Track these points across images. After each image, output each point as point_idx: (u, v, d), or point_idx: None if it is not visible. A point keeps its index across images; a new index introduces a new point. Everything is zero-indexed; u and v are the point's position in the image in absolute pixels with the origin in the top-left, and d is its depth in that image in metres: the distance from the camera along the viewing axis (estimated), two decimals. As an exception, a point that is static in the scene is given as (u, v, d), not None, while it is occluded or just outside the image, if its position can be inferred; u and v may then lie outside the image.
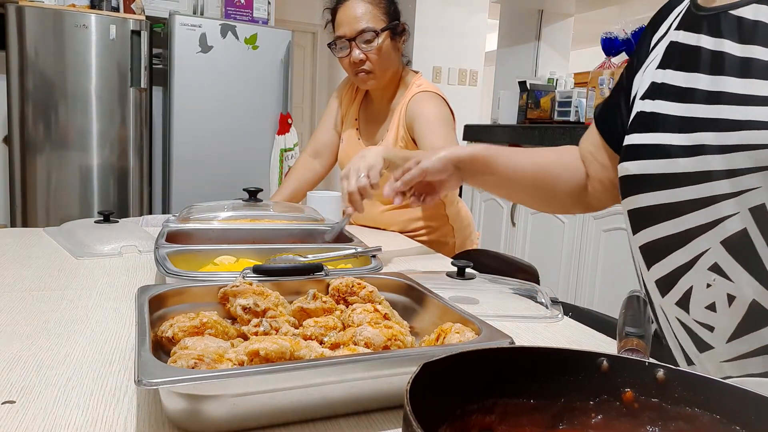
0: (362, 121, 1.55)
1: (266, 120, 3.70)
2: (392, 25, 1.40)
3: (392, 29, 1.40)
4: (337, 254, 0.91)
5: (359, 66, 1.39)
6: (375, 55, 1.38)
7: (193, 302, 0.64)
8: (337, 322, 0.61)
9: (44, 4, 3.19)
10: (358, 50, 1.37)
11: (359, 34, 1.36)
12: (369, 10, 1.37)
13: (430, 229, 1.51)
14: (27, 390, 0.51)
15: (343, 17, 1.38)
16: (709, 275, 0.59)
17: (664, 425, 0.40)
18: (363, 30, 1.35)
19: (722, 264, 0.58)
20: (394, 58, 1.42)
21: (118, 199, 3.45)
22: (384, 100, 1.50)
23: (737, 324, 0.58)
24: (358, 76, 1.41)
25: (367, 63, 1.38)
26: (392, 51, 1.41)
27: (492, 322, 0.59)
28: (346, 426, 0.49)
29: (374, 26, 1.36)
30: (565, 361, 0.42)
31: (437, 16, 4.63)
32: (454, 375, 0.39)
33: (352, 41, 1.37)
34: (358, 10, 1.37)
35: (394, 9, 1.43)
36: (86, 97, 3.29)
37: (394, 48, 1.41)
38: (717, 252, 0.59)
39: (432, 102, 1.40)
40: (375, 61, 1.38)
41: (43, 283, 0.85)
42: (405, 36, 1.45)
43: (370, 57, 1.38)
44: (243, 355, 0.49)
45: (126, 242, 1.07)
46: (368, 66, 1.39)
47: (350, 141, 1.54)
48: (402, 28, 1.43)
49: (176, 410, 0.45)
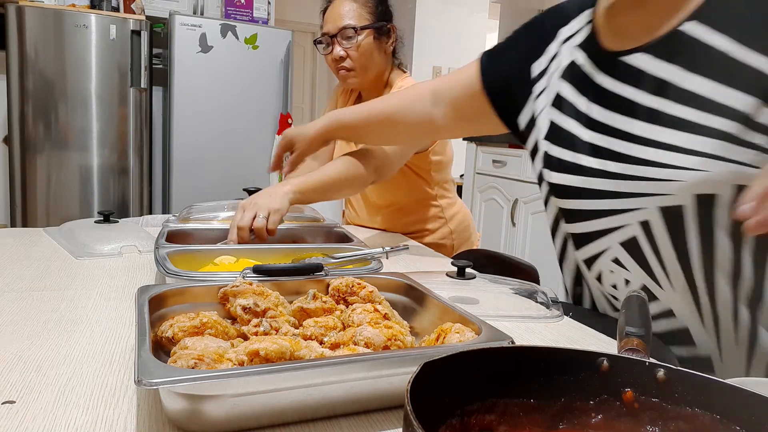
0: None
1: (266, 120, 3.71)
2: (376, 24, 1.39)
3: (376, 29, 1.39)
4: (364, 254, 0.90)
5: (339, 63, 1.40)
6: (354, 51, 1.38)
7: (193, 302, 0.64)
8: (337, 322, 0.61)
9: (44, 4, 3.19)
10: (338, 47, 1.38)
11: (340, 30, 1.37)
12: (354, 9, 1.38)
13: (428, 231, 1.50)
14: (27, 390, 0.51)
15: (328, 15, 1.40)
16: (612, 265, 0.78)
17: (664, 425, 0.40)
18: (344, 27, 1.36)
19: (621, 258, 0.76)
20: (377, 58, 1.41)
21: (118, 199, 3.46)
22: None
23: None
24: (339, 74, 1.42)
25: (347, 60, 1.39)
26: (375, 50, 1.40)
27: (492, 322, 0.59)
28: (346, 426, 0.49)
29: (355, 23, 1.37)
30: (565, 361, 0.43)
31: (437, 16, 4.63)
32: (454, 375, 0.39)
33: (334, 38, 1.38)
34: (344, 8, 1.38)
35: (383, 10, 1.42)
36: (86, 97, 3.29)
37: (377, 48, 1.40)
38: (616, 250, 0.76)
39: None
40: (355, 58, 1.38)
41: (43, 283, 0.85)
42: (393, 38, 1.44)
43: (350, 54, 1.38)
44: (243, 355, 0.49)
45: (126, 242, 1.07)
46: (348, 63, 1.39)
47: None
48: (388, 29, 1.43)
49: (176, 410, 0.45)
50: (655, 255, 0.72)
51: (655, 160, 0.68)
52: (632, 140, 0.71)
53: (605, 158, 0.74)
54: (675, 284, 0.72)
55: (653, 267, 0.73)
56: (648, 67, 0.70)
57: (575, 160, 0.79)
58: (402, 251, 0.95)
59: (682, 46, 0.67)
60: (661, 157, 0.68)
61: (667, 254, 0.71)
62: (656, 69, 0.69)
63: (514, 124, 0.94)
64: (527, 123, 0.91)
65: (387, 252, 0.93)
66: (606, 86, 0.75)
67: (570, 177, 0.79)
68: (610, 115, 0.75)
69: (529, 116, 0.90)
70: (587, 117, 0.78)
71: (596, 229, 0.78)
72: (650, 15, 0.71)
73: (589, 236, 0.80)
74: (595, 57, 0.78)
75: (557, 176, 0.82)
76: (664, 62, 0.69)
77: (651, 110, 0.69)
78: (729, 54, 0.63)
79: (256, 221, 1.01)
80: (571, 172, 0.79)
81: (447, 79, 1.04)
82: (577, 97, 0.80)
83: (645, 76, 0.70)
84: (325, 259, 0.88)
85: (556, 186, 0.83)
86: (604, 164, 0.74)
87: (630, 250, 0.74)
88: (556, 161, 0.82)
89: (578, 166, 0.78)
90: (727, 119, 0.63)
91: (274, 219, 1.02)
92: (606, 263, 0.78)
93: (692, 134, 0.66)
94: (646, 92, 0.70)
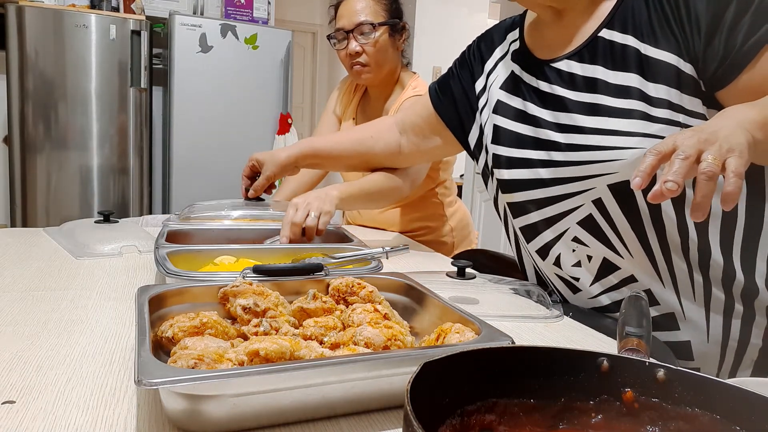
0: (359, 120, 1.56)
1: (266, 120, 3.71)
2: (391, 21, 1.42)
3: (391, 26, 1.42)
4: (364, 254, 0.90)
5: (355, 58, 1.41)
6: (371, 47, 1.39)
7: (193, 302, 0.64)
8: (337, 322, 0.61)
9: (44, 4, 3.19)
10: (354, 42, 1.39)
11: (357, 26, 1.38)
12: (370, 5, 1.40)
13: (429, 229, 1.51)
14: (27, 390, 0.51)
15: (343, 10, 1.42)
16: (573, 244, 0.84)
17: (664, 425, 0.40)
18: (361, 23, 1.38)
19: (580, 236, 0.83)
20: (391, 55, 1.44)
21: (118, 199, 3.46)
22: (381, 98, 1.51)
23: (595, 273, 0.84)
24: (354, 69, 1.43)
25: (363, 56, 1.40)
26: (389, 47, 1.42)
27: (492, 322, 0.59)
28: (346, 426, 0.49)
29: (372, 20, 1.39)
30: (565, 361, 0.43)
31: (437, 16, 4.63)
32: (454, 375, 0.39)
33: (350, 33, 1.39)
34: (360, 4, 1.40)
35: (396, 7, 1.45)
36: (86, 97, 3.29)
37: (392, 45, 1.43)
38: (575, 230, 0.83)
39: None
40: (371, 54, 1.40)
41: (43, 283, 0.85)
42: (405, 35, 1.47)
43: (366, 50, 1.40)
44: (243, 355, 0.49)
45: (126, 242, 1.07)
46: (364, 59, 1.40)
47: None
48: (402, 27, 1.45)
49: (176, 410, 0.45)
50: (611, 228, 0.80)
51: (598, 144, 0.77)
52: (574, 131, 0.80)
53: (550, 150, 0.83)
54: (633, 251, 0.80)
55: (611, 239, 0.80)
56: (576, 70, 0.82)
57: (521, 155, 0.87)
58: (402, 251, 0.95)
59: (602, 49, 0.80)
60: (602, 141, 0.77)
61: (622, 225, 0.79)
62: (584, 71, 0.81)
63: (466, 143, 1.05)
64: (476, 140, 1.01)
65: (387, 252, 0.93)
66: (543, 89, 0.86)
67: (519, 171, 0.88)
68: (549, 112, 0.84)
69: (477, 132, 1.00)
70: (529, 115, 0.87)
71: (551, 215, 0.85)
72: (567, 28, 0.84)
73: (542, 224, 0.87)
74: (529, 67, 0.89)
75: (507, 173, 0.89)
76: (589, 64, 0.81)
77: (586, 104, 0.80)
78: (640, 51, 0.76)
79: (309, 219, 1.04)
80: (519, 166, 0.87)
81: (408, 111, 1.19)
82: (516, 100, 0.90)
83: (576, 77, 0.82)
84: (325, 259, 0.87)
85: (506, 182, 0.90)
86: (550, 155, 0.83)
87: (587, 227, 0.82)
88: (504, 159, 0.90)
89: (525, 160, 0.87)
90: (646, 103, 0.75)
91: (324, 220, 1.06)
92: (566, 244, 0.85)
93: (626, 119, 0.75)
94: (579, 91, 0.81)
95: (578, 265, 0.85)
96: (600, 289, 0.84)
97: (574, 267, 0.86)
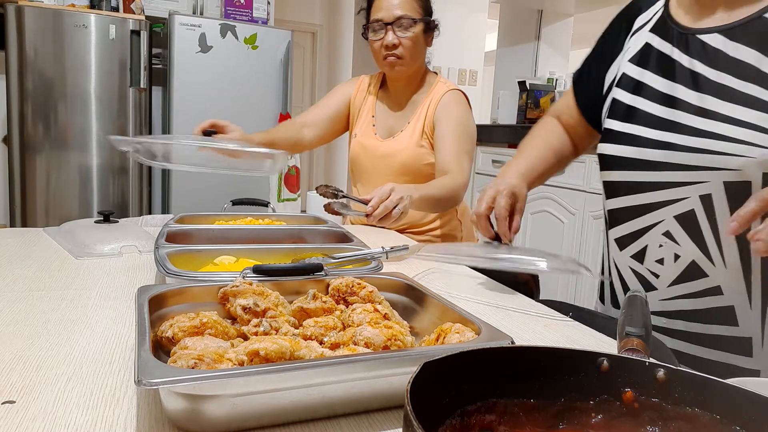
0: (378, 116, 1.57)
1: (266, 120, 3.70)
2: (428, 18, 1.47)
3: (427, 23, 1.46)
4: (364, 254, 0.90)
5: (390, 50, 1.44)
6: (409, 41, 1.43)
7: (193, 302, 0.64)
8: (337, 322, 0.61)
9: (44, 4, 3.19)
10: (393, 34, 1.42)
11: (397, 19, 1.42)
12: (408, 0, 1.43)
13: (441, 222, 1.55)
14: (27, 390, 0.51)
15: (382, 2, 1.45)
16: (662, 239, 0.77)
17: (664, 425, 0.40)
18: (402, 16, 1.42)
19: (673, 232, 0.76)
20: (422, 50, 1.49)
21: (118, 199, 3.45)
22: (406, 92, 1.54)
23: (678, 275, 0.77)
24: (387, 60, 1.45)
25: (399, 48, 1.43)
26: (423, 43, 1.47)
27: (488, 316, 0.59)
28: (346, 426, 0.49)
29: (412, 15, 1.43)
30: (565, 361, 0.42)
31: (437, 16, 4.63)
32: (454, 375, 0.39)
33: (389, 25, 1.42)
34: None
35: (429, 5, 1.49)
36: (86, 97, 3.29)
37: (425, 41, 1.48)
38: (670, 223, 0.76)
39: (459, 108, 1.47)
40: (408, 48, 1.44)
41: (43, 283, 0.85)
42: (435, 34, 1.52)
43: (403, 43, 1.43)
44: (243, 355, 0.49)
45: (126, 242, 1.07)
46: (400, 51, 1.44)
47: (365, 134, 1.57)
48: (435, 25, 1.50)
49: (176, 410, 0.45)
50: (712, 230, 0.72)
51: (726, 134, 0.69)
52: (703, 114, 0.72)
53: (668, 129, 0.75)
54: (728, 262, 0.72)
55: (708, 242, 0.73)
56: (725, 48, 0.72)
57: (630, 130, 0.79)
58: (402, 251, 0.95)
59: (762, 32, 0.70)
60: (732, 132, 0.69)
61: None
62: (735, 51, 0.72)
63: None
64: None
65: (387, 252, 0.93)
66: (679, 60, 0.77)
67: (624, 148, 0.79)
68: (680, 87, 0.75)
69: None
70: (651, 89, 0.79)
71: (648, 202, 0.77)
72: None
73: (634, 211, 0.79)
74: (668, 34, 0.80)
75: (610, 147, 0.82)
76: (742, 45, 0.71)
77: (726, 87, 0.71)
78: None
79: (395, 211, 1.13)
80: (625, 142, 0.79)
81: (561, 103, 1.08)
82: (642, 73, 0.81)
83: (722, 55, 0.72)
84: (325, 259, 0.87)
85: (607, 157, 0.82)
86: (666, 135, 0.74)
87: (684, 223, 0.74)
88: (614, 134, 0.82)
89: (633, 137, 0.78)
90: None
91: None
92: (655, 237, 0.77)
93: (765, 113, 0.67)
94: (720, 71, 0.72)
95: (661, 262, 0.78)
96: (678, 292, 0.77)
97: (656, 263, 0.78)
